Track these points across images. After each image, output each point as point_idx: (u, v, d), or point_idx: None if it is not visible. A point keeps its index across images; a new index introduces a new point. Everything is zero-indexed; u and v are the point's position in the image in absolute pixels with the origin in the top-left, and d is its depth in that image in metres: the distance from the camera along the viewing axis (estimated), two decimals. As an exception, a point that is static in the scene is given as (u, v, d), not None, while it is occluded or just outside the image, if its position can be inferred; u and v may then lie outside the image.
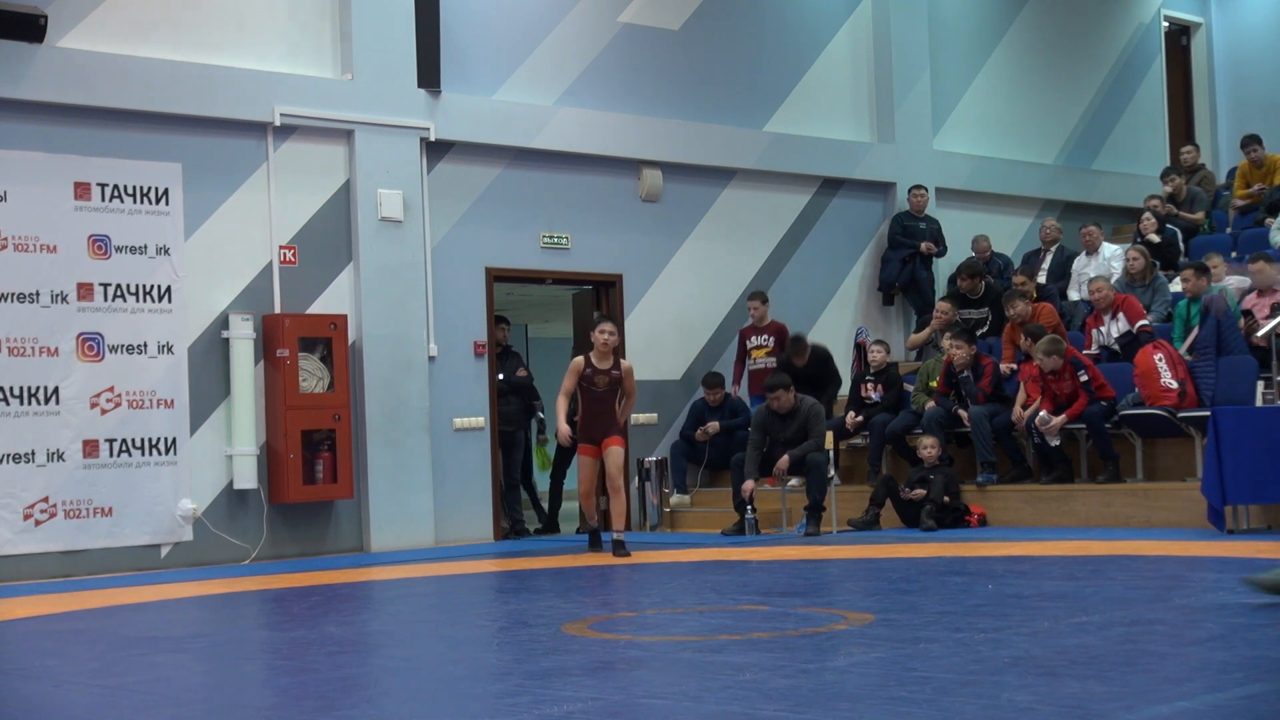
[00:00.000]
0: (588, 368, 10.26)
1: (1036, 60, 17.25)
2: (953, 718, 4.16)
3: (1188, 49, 19.40)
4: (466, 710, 4.73)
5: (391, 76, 12.07)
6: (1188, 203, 14.93)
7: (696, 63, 14.15)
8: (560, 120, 13.03)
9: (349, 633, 6.78)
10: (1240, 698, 4.30)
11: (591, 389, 10.26)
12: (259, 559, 11.19)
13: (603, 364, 10.30)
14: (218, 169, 11.32)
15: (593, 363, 10.28)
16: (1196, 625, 5.78)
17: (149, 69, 10.97)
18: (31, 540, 10.37)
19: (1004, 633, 5.71)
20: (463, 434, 12.39)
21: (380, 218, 11.93)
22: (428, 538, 11.95)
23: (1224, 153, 18.77)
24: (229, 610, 8.19)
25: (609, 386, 10.29)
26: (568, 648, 5.91)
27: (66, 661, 6.30)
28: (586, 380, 10.26)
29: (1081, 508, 11.14)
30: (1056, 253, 14.46)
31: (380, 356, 11.86)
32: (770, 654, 5.49)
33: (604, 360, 10.31)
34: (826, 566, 9.05)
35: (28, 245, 10.48)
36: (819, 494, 11.52)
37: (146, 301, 10.93)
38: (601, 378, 10.27)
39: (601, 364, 10.29)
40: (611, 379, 10.29)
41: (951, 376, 12.06)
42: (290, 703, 5.01)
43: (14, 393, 10.36)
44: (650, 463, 13.05)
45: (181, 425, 11.02)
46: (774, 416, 11.77)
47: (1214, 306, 11.02)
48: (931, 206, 15.31)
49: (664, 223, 13.78)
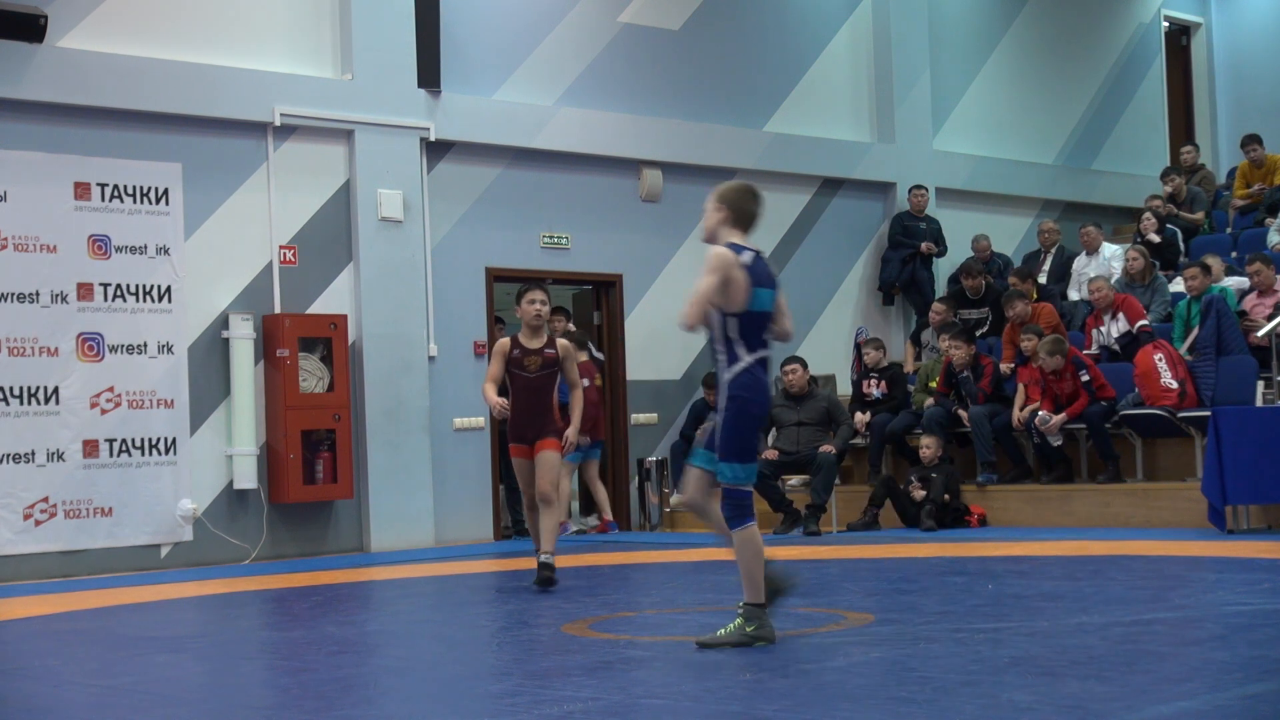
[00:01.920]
0: (515, 349, 8.37)
1: (1036, 60, 17.25)
2: (953, 718, 4.16)
3: (1188, 49, 19.39)
4: (466, 710, 4.73)
5: (391, 76, 12.07)
6: (1188, 203, 14.93)
7: (696, 63, 14.15)
8: (560, 120, 13.03)
9: (349, 633, 6.78)
10: (1240, 698, 4.30)
11: (522, 374, 8.37)
12: (259, 559, 11.19)
13: (533, 343, 8.36)
14: (218, 169, 11.32)
15: (520, 342, 8.38)
16: (1196, 625, 5.78)
17: (149, 69, 10.97)
18: (31, 540, 10.37)
19: (1004, 633, 5.71)
20: (463, 434, 12.38)
21: (380, 218, 11.93)
22: (428, 538, 11.95)
23: (1224, 153, 18.76)
24: (229, 610, 8.19)
25: (543, 371, 8.36)
26: (567, 648, 5.91)
27: (66, 661, 6.30)
28: (515, 364, 8.37)
29: (1081, 508, 11.14)
30: (1056, 253, 14.46)
31: (380, 356, 11.86)
32: (771, 655, 5.49)
33: (534, 338, 8.37)
34: (826, 566, 9.04)
35: (28, 245, 10.47)
36: (824, 494, 11.53)
37: (146, 301, 10.93)
38: (533, 359, 8.34)
39: (531, 343, 8.36)
40: (545, 360, 8.34)
41: (951, 376, 12.06)
42: (290, 703, 5.01)
43: (14, 393, 10.36)
44: (650, 463, 13.05)
45: (181, 425, 11.02)
46: (786, 400, 11.77)
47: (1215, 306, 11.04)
48: (932, 206, 15.30)
49: (664, 223, 13.78)
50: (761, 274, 5.72)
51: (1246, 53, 19.10)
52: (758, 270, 5.70)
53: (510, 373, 8.37)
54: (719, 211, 5.85)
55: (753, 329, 5.71)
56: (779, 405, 12.17)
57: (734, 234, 5.80)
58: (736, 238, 5.79)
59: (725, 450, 5.75)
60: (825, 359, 14.15)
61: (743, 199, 5.86)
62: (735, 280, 5.62)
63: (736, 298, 5.64)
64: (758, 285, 5.67)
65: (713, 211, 5.87)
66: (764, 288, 5.71)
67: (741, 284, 5.63)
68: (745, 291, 5.63)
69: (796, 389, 12.07)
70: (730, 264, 5.63)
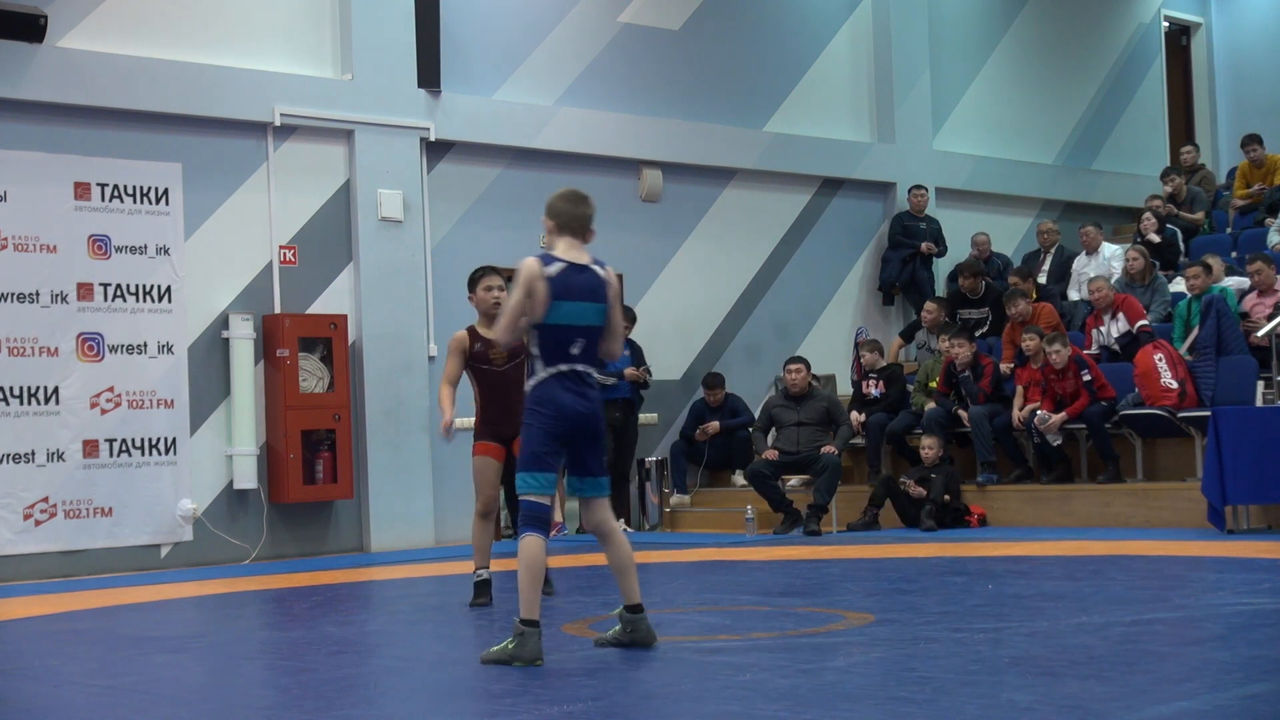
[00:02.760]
0: (476, 342, 7.49)
1: (1037, 60, 17.25)
2: (952, 718, 4.16)
3: (1188, 49, 19.39)
4: (466, 710, 4.73)
5: (391, 76, 12.07)
6: (1188, 203, 14.93)
7: (696, 63, 14.15)
8: (560, 120, 13.03)
9: (349, 633, 6.78)
10: (1240, 698, 4.30)
11: (488, 369, 7.52)
12: (259, 559, 11.19)
13: (488, 333, 7.44)
14: (218, 169, 11.32)
15: (480, 333, 7.52)
16: (1196, 625, 5.78)
17: (149, 69, 10.97)
18: (31, 540, 10.37)
19: (1004, 633, 5.71)
20: (463, 434, 12.33)
21: (380, 218, 11.93)
22: (427, 538, 11.94)
23: (1224, 153, 18.76)
24: (229, 610, 8.19)
25: (511, 362, 7.46)
26: (567, 647, 5.91)
27: (66, 661, 6.30)
28: (478, 359, 7.50)
29: (1081, 508, 11.13)
30: (1056, 253, 14.46)
31: (380, 356, 11.86)
32: (770, 654, 5.49)
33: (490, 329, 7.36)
34: (826, 566, 9.05)
35: (28, 245, 10.47)
36: (827, 494, 11.53)
37: (146, 301, 10.93)
38: (497, 350, 7.45)
39: (486, 333, 7.49)
40: (512, 351, 7.32)
41: (952, 376, 12.06)
42: (290, 703, 5.01)
43: (14, 393, 10.36)
44: (650, 463, 13.04)
45: (181, 425, 11.01)
46: (786, 400, 11.76)
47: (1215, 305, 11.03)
48: (931, 206, 15.31)
49: (664, 223, 13.78)
50: (571, 286, 5.59)
51: (1246, 53, 19.10)
52: (565, 282, 5.58)
53: (474, 369, 7.55)
54: (546, 222, 5.80)
55: (552, 342, 5.58)
56: (779, 405, 12.20)
57: (562, 242, 5.70)
58: (562, 247, 5.68)
59: (519, 460, 5.67)
60: (825, 359, 14.15)
61: (563, 204, 5.76)
62: (536, 292, 5.54)
63: (536, 310, 5.56)
64: (561, 298, 5.55)
65: (545, 224, 5.81)
66: (570, 300, 5.58)
67: (541, 295, 5.54)
68: (544, 304, 5.54)
69: (797, 389, 12.07)
70: (532, 276, 5.56)
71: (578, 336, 5.60)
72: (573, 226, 5.72)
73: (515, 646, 5.42)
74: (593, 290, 5.65)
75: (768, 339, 14.39)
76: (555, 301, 5.54)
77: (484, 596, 7.55)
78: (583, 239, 5.74)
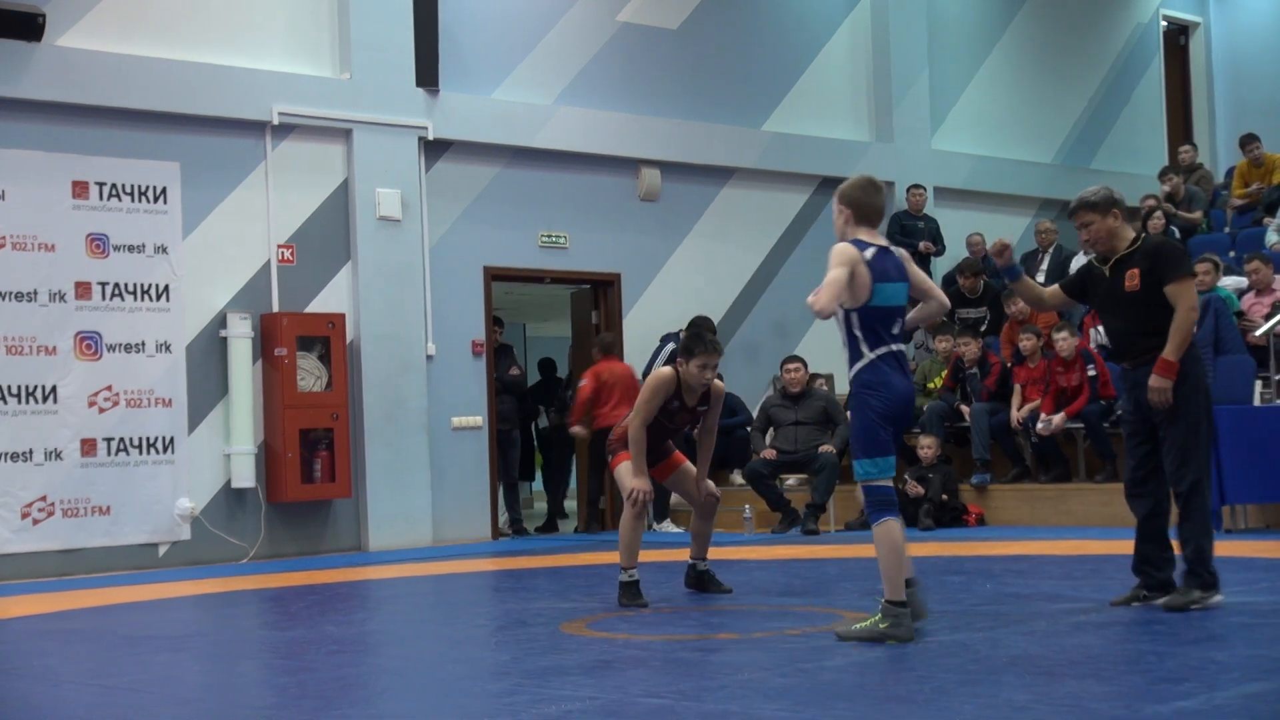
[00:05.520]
0: (674, 400, 7.25)
1: (1035, 59, 17.25)
2: (952, 718, 4.16)
3: (1186, 48, 19.40)
4: (466, 710, 4.73)
5: (390, 75, 12.06)
6: (1186, 202, 14.93)
7: (695, 62, 14.15)
8: (559, 119, 13.03)
9: (348, 632, 6.78)
10: (1240, 698, 4.30)
11: (664, 422, 7.34)
12: (257, 558, 11.18)
13: (690, 399, 7.28)
14: (216, 168, 11.31)
15: (681, 396, 7.25)
16: (1195, 625, 5.78)
17: (147, 68, 10.96)
18: (29, 539, 10.36)
19: (1003, 632, 5.72)
20: (461, 433, 12.38)
21: (378, 217, 11.92)
22: (426, 537, 11.94)
23: (1222, 152, 18.77)
24: (227, 609, 8.19)
25: (688, 423, 7.51)
26: (566, 647, 5.91)
27: (64, 660, 6.30)
28: (664, 411, 7.27)
29: (1079, 507, 11.14)
30: (1054, 252, 14.46)
31: (378, 355, 11.85)
32: (770, 654, 5.49)
33: (693, 395, 7.28)
34: (825, 566, 9.05)
35: (26, 244, 10.46)
36: (825, 493, 11.54)
37: (144, 300, 10.92)
38: (685, 418, 7.38)
39: (689, 399, 7.28)
40: (696, 416, 7.38)
41: (959, 372, 12.09)
42: (289, 702, 5.01)
43: (12, 391, 10.35)
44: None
45: (179, 424, 11.01)
46: (784, 399, 11.76)
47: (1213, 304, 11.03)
48: (930, 206, 15.31)
49: (662, 222, 13.77)
50: (886, 269, 5.72)
51: (1245, 52, 19.11)
52: (882, 265, 5.71)
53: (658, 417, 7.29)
54: (841, 212, 5.89)
55: (877, 323, 5.71)
56: (777, 404, 12.21)
57: (859, 231, 5.82)
58: (863, 234, 5.80)
59: (854, 447, 5.77)
60: (825, 359, 14.14)
61: (860, 194, 5.86)
62: (859, 275, 5.64)
63: (859, 294, 5.65)
64: (881, 281, 5.67)
65: (837, 214, 5.91)
66: (889, 282, 5.71)
67: (864, 279, 5.65)
68: (868, 287, 5.65)
69: (795, 388, 12.08)
70: (854, 259, 5.66)
71: (897, 316, 5.77)
72: (870, 215, 5.86)
73: (889, 626, 5.52)
74: (900, 270, 5.82)
75: (766, 338, 14.39)
76: (877, 285, 5.67)
77: (641, 597, 7.23)
78: (875, 226, 5.87)
